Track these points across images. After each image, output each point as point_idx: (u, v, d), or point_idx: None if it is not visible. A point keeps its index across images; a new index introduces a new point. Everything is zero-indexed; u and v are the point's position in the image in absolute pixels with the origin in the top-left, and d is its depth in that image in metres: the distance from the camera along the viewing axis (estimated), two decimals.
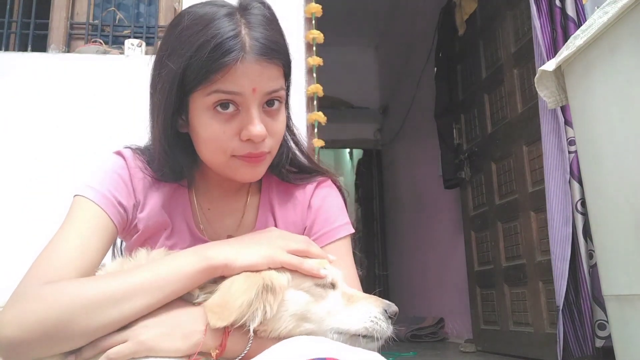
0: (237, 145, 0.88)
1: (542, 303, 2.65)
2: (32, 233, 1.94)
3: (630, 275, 1.22)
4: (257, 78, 0.86)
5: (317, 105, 2.22)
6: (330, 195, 1.08)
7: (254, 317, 0.75)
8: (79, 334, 0.74)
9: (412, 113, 5.11)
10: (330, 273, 0.86)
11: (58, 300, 0.74)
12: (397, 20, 5.44)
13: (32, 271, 0.82)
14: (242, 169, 0.92)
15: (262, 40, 0.86)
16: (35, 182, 2.06)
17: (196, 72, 0.84)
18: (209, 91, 0.85)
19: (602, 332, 1.91)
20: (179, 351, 0.74)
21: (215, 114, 0.87)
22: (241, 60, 0.83)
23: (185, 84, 0.86)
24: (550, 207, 2.15)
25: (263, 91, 0.87)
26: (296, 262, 0.82)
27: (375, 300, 0.86)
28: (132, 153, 1.00)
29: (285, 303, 0.80)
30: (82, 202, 0.91)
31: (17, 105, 2.14)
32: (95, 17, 2.47)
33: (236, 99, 0.86)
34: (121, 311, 0.75)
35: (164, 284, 0.77)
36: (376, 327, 0.82)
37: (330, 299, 0.84)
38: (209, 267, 0.79)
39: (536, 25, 2.21)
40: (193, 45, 0.84)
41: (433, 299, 4.62)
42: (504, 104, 3.07)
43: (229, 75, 0.84)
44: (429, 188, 4.59)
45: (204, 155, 0.93)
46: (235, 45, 0.83)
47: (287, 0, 2.36)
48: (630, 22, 1.17)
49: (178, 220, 1.01)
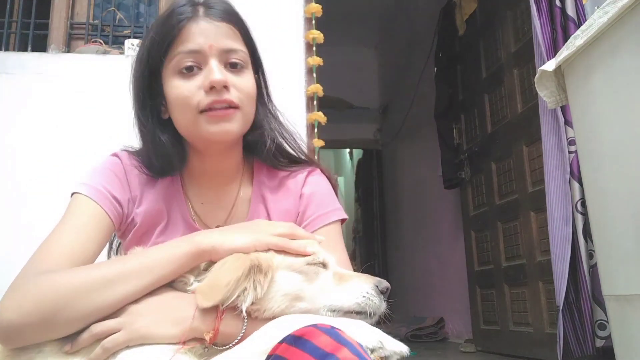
0: (202, 97, 0.94)
1: (542, 303, 2.65)
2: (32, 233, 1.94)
3: (630, 275, 1.22)
4: (212, 35, 0.95)
5: (317, 105, 2.22)
6: (320, 183, 1.12)
7: (245, 298, 0.77)
8: (75, 317, 0.77)
9: (412, 113, 5.11)
10: (321, 253, 0.88)
11: (54, 285, 0.78)
12: (397, 20, 5.44)
13: (29, 263, 0.85)
14: (211, 125, 0.96)
15: (215, 6, 0.97)
16: (35, 182, 2.06)
17: (158, 41, 0.95)
18: (172, 56, 0.95)
19: (602, 332, 1.91)
20: (172, 337, 0.76)
21: (181, 76, 0.95)
22: (193, 20, 0.94)
23: (153, 59, 0.96)
24: (550, 207, 2.15)
25: (219, 47, 0.95)
26: (282, 243, 0.85)
27: (366, 277, 0.87)
28: (127, 154, 1.05)
29: (277, 283, 0.81)
30: (78, 199, 0.96)
31: (17, 105, 2.13)
32: (95, 17, 2.47)
33: (197, 58, 0.94)
34: (114, 293, 0.78)
35: (154, 267, 0.80)
36: (368, 302, 0.83)
37: (322, 278, 0.86)
38: (197, 251, 0.82)
39: (536, 25, 2.21)
40: (154, 30, 0.98)
41: (433, 299, 4.62)
42: (504, 104, 3.07)
43: (185, 35, 0.94)
44: (429, 188, 4.59)
45: (177, 121, 0.99)
46: (186, 10, 0.95)
47: (287, 0, 2.36)
48: (630, 22, 1.17)
49: (174, 213, 1.04)
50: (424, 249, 4.85)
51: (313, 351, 0.61)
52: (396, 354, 0.74)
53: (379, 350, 0.72)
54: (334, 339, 0.62)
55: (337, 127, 4.54)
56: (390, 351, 0.73)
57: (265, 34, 2.43)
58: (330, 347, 0.61)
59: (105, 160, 1.04)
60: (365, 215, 6.73)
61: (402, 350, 0.74)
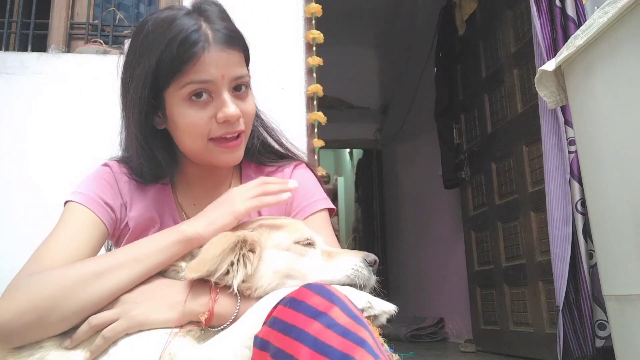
0: (215, 127, 0.96)
1: (542, 303, 2.65)
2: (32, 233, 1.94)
3: (630, 275, 1.22)
4: (224, 65, 0.94)
5: (317, 105, 2.22)
6: (306, 175, 1.16)
7: (236, 274, 0.80)
8: (70, 312, 0.78)
9: (412, 113, 5.11)
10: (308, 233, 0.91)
11: (46, 283, 0.79)
12: (397, 20, 5.44)
13: (23, 268, 0.87)
14: (221, 155, 0.99)
15: (223, 30, 0.96)
16: (35, 182, 2.06)
17: (168, 66, 0.92)
18: (182, 84, 0.93)
19: (602, 332, 1.91)
20: (169, 321, 0.79)
21: (191, 103, 0.95)
22: (207, 49, 0.92)
23: (158, 81, 0.94)
24: (550, 207, 2.15)
25: (231, 76, 0.96)
26: (257, 203, 0.91)
27: (354, 252, 0.90)
28: (117, 163, 1.07)
29: (266, 260, 0.84)
30: (71, 206, 0.98)
31: (17, 105, 2.13)
32: (95, 17, 2.47)
33: (208, 87, 0.94)
34: (106, 285, 0.80)
35: (143, 257, 0.83)
36: (358, 274, 0.86)
37: (311, 255, 0.88)
38: (183, 238, 0.85)
39: (536, 25, 2.21)
40: (161, 44, 0.93)
41: (433, 299, 4.62)
42: (504, 104, 3.06)
43: (199, 65, 0.92)
44: (429, 188, 4.59)
45: (184, 144, 1.00)
46: (199, 37, 0.92)
47: (287, 0, 2.36)
48: (630, 22, 1.17)
49: (166, 217, 1.06)
50: (424, 249, 4.85)
51: (306, 310, 0.64)
52: (385, 313, 0.77)
53: (368, 309, 0.76)
54: (325, 298, 0.65)
55: (337, 127, 4.54)
56: (379, 310, 0.76)
57: (265, 34, 2.44)
58: (322, 306, 0.64)
59: (96, 169, 1.06)
60: (365, 215, 6.72)
61: (391, 309, 0.78)
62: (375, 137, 6.33)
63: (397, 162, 5.75)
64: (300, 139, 2.14)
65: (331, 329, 0.62)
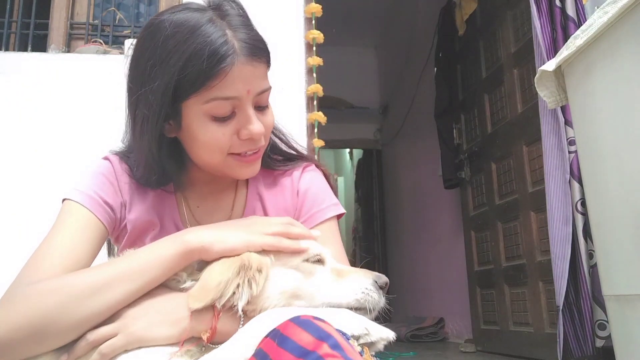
0: (237, 144, 0.91)
1: (542, 303, 2.65)
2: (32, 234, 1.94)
3: (630, 275, 1.22)
4: (250, 79, 0.88)
5: (317, 105, 2.22)
6: (316, 179, 1.11)
7: (241, 296, 0.76)
8: (67, 327, 0.75)
9: (412, 113, 5.11)
10: (317, 248, 0.86)
11: (42, 297, 0.75)
12: (397, 20, 5.44)
13: (21, 275, 0.83)
14: (240, 169, 0.95)
15: (249, 40, 0.88)
16: (35, 182, 2.06)
17: (192, 79, 0.85)
18: (206, 99, 0.86)
19: (602, 332, 1.91)
20: (169, 338, 0.75)
21: (213, 118, 0.89)
22: (235, 64, 0.85)
23: (177, 91, 0.87)
24: (550, 207, 2.15)
25: (256, 91, 0.90)
26: (274, 242, 0.83)
27: (364, 272, 0.86)
28: (118, 158, 1.02)
29: (273, 281, 0.80)
30: (69, 205, 0.94)
31: (17, 106, 2.13)
32: (95, 17, 2.47)
33: (233, 103, 0.88)
34: (104, 300, 0.76)
35: (144, 270, 0.78)
36: (368, 297, 0.82)
37: (319, 274, 0.84)
38: (186, 251, 0.80)
39: (536, 26, 2.21)
40: (185, 53, 0.84)
41: (433, 299, 4.62)
42: (504, 104, 3.06)
43: (225, 81, 0.85)
44: (429, 188, 4.59)
45: (200, 157, 0.95)
46: (228, 50, 0.85)
47: (287, 0, 2.36)
48: (630, 22, 1.17)
49: (166, 219, 1.03)
50: (424, 249, 4.85)
51: (294, 349, 0.61)
52: (383, 340, 0.74)
53: (365, 336, 0.72)
54: (314, 336, 0.62)
55: (337, 127, 4.55)
56: (376, 337, 0.73)
57: (265, 34, 2.44)
58: (311, 345, 0.61)
59: (97, 164, 1.02)
60: (365, 215, 6.72)
61: (389, 336, 0.74)
62: (375, 137, 6.33)
63: (397, 162, 5.75)
64: (300, 139, 2.12)
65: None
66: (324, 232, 1.01)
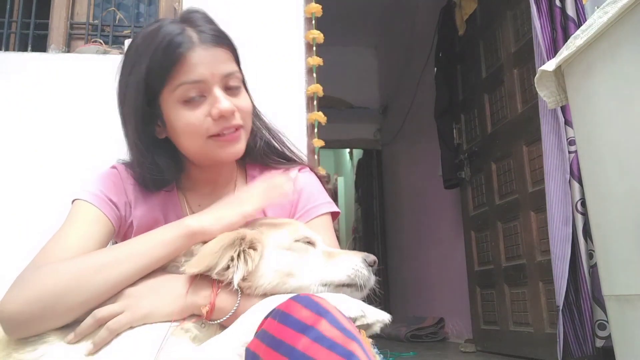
0: (211, 125, 0.98)
1: (542, 303, 2.65)
2: (32, 235, 1.94)
3: (630, 275, 1.22)
4: (213, 63, 0.97)
5: (317, 105, 2.22)
6: (311, 179, 1.18)
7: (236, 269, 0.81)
8: (76, 303, 0.80)
9: (412, 113, 5.11)
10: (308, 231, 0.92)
11: (52, 275, 0.82)
12: (397, 20, 5.44)
13: (32, 262, 0.89)
14: (221, 149, 1.01)
15: (208, 31, 0.99)
16: (35, 182, 2.06)
17: (157, 71, 0.95)
18: (174, 86, 0.96)
19: (602, 332, 1.91)
20: (171, 314, 0.81)
21: (184, 104, 0.97)
22: (193, 49, 0.95)
23: (151, 87, 0.97)
24: (550, 207, 2.15)
25: (220, 74, 0.98)
26: (264, 199, 0.94)
27: (354, 252, 0.91)
28: (124, 167, 1.09)
29: (267, 259, 0.85)
30: (78, 204, 1.00)
31: (17, 106, 2.13)
32: (95, 17, 2.47)
33: (200, 86, 0.96)
34: (110, 276, 0.82)
35: (148, 250, 0.85)
36: (358, 274, 0.87)
37: (311, 254, 0.90)
38: (188, 232, 0.87)
39: (536, 25, 2.21)
40: (149, 52, 0.96)
41: (433, 299, 4.62)
42: (504, 104, 3.06)
43: (187, 66, 0.94)
44: (429, 188, 4.59)
45: (185, 146, 1.02)
46: (183, 39, 0.95)
47: (287, 0, 2.36)
48: (630, 22, 1.17)
49: (171, 217, 1.08)
50: (424, 249, 4.85)
51: (294, 324, 0.64)
52: (379, 322, 0.77)
53: (361, 318, 0.75)
54: (313, 311, 0.65)
55: (337, 127, 4.55)
56: (372, 319, 0.76)
57: (265, 34, 2.44)
58: (310, 319, 0.64)
59: (104, 170, 1.09)
60: (365, 215, 6.72)
61: (384, 318, 0.78)
62: (375, 137, 6.33)
63: (397, 162, 5.75)
64: (300, 139, 2.14)
65: (319, 343, 0.62)
66: (318, 226, 1.08)
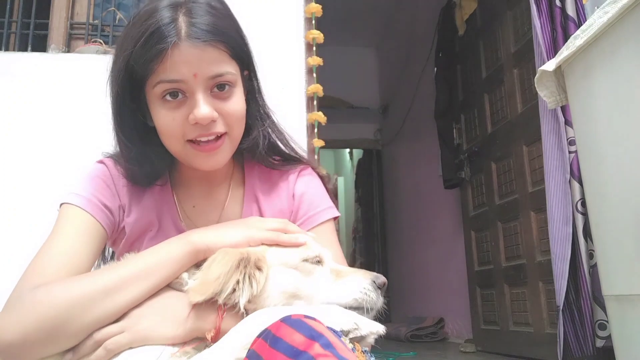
0: (188, 129, 0.90)
1: (542, 303, 2.65)
2: (32, 234, 1.94)
3: (630, 275, 1.22)
4: (197, 63, 0.86)
5: (317, 105, 2.22)
6: (312, 182, 1.12)
7: (242, 293, 0.77)
8: (77, 330, 0.75)
9: (412, 113, 5.11)
10: (316, 248, 0.88)
11: (53, 301, 0.76)
12: (397, 20, 5.44)
13: (24, 278, 0.83)
14: (197, 158, 0.94)
15: (200, 25, 0.86)
16: (35, 182, 2.06)
17: (137, 62, 0.86)
18: (154, 83, 0.87)
19: (602, 332, 1.91)
20: (174, 338, 0.76)
21: (164, 102, 0.89)
22: (176, 46, 0.84)
23: (135, 76, 0.88)
24: (550, 207, 2.15)
25: (205, 76, 0.87)
26: (274, 237, 0.86)
27: (363, 272, 0.88)
28: (112, 162, 1.02)
29: (273, 280, 0.81)
30: (68, 209, 0.93)
31: (17, 106, 2.13)
32: (95, 17, 2.47)
33: (180, 86, 0.87)
34: (116, 302, 0.77)
35: (154, 271, 0.80)
36: (366, 297, 0.83)
37: (318, 274, 0.86)
38: (193, 250, 0.82)
39: (536, 25, 2.21)
40: (135, 38, 0.86)
41: (433, 299, 4.62)
42: (504, 104, 3.07)
43: (167, 64, 0.85)
44: (429, 188, 4.59)
45: (166, 145, 0.95)
46: (170, 32, 0.84)
47: (287, 0, 2.36)
48: (630, 22, 1.17)
49: (165, 219, 1.03)
50: (424, 249, 4.85)
51: (286, 350, 0.61)
52: (373, 333, 0.75)
53: (355, 331, 0.73)
54: (305, 335, 0.62)
55: (337, 127, 4.54)
56: (366, 331, 0.74)
57: (265, 34, 2.44)
58: (302, 345, 0.61)
59: (93, 167, 1.02)
60: (365, 215, 6.72)
61: (378, 330, 0.75)
62: (375, 137, 6.33)
63: (397, 162, 5.75)
64: (300, 139, 2.13)
65: None
66: (322, 234, 1.02)
